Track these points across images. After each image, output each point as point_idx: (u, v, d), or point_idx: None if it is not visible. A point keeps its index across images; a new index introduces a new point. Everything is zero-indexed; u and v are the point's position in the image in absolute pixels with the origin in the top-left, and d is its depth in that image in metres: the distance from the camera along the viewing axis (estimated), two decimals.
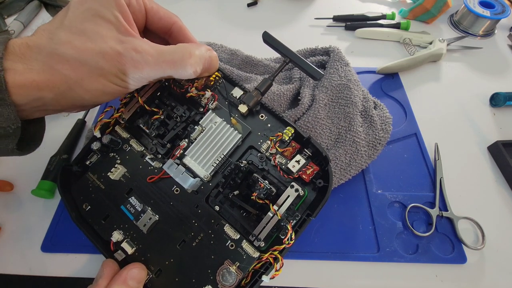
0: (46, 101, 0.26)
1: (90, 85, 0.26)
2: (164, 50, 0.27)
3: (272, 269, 0.27)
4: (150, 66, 0.26)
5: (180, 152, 0.32)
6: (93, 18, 0.25)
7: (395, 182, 0.42)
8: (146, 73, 0.27)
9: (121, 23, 0.26)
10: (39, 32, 0.26)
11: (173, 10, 0.32)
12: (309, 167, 0.30)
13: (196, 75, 0.30)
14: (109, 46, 0.25)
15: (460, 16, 0.64)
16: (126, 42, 0.26)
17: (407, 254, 0.37)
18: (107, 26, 0.25)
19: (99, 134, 0.33)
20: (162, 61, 0.27)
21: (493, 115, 0.51)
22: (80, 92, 0.26)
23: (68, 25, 0.25)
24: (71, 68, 0.25)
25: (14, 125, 0.25)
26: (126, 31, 0.26)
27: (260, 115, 0.33)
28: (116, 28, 0.26)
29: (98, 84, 0.26)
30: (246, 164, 0.31)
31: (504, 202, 0.42)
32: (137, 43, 0.26)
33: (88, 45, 0.25)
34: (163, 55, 0.27)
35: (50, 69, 0.24)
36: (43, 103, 0.26)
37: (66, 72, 0.25)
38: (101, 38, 0.25)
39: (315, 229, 0.38)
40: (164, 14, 0.31)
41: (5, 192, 0.41)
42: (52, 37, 0.25)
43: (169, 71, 0.28)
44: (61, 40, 0.24)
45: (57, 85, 0.25)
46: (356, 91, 0.43)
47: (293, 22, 0.65)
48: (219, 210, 0.31)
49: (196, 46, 0.30)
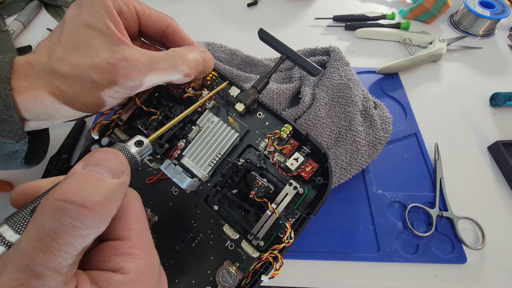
0: (49, 114, 0.27)
1: (85, 98, 0.26)
2: (156, 57, 0.27)
3: (271, 268, 0.27)
4: (142, 74, 0.26)
5: (178, 153, 0.32)
6: (86, 30, 0.26)
7: (395, 182, 0.42)
8: (138, 81, 0.27)
9: (113, 32, 0.26)
10: (39, 49, 0.27)
11: (173, 10, 0.32)
12: (308, 165, 0.30)
13: (191, 79, 0.30)
14: (101, 58, 0.25)
15: (460, 16, 0.64)
16: (117, 51, 0.26)
17: (407, 254, 0.37)
18: (99, 37, 0.26)
19: (98, 136, 0.33)
20: (154, 68, 0.27)
21: (493, 115, 0.51)
22: (77, 105, 0.27)
23: (64, 41, 0.26)
24: (67, 83, 0.26)
25: (22, 140, 0.27)
26: (118, 40, 0.26)
27: (257, 113, 0.33)
28: (108, 38, 0.26)
29: (92, 98, 0.27)
30: (244, 162, 0.31)
31: (504, 202, 0.42)
32: (128, 52, 0.26)
33: (81, 60, 0.25)
34: (156, 62, 0.27)
35: (50, 85, 0.25)
36: (46, 116, 0.27)
37: (63, 88, 0.26)
38: (93, 51, 0.26)
39: (315, 229, 0.38)
40: (158, 18, 0.31)
41: (5, 192, 0.41)
42: (51, 54, 0.26)
43: (163, 77, 0.28)
44: (57, 57, 0.26)
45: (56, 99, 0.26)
46: (356, 90, 0.43)
47: (293, 22, 0.65)
48: (218, 210, 0.30)
49: (189, 49, 0.30)
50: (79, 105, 0.27)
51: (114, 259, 0.17)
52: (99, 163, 0.17)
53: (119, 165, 0.18)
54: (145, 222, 0.20)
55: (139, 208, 0.20)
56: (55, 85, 0.25)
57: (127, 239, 0.18)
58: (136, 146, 0.20)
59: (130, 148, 0.20)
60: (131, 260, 0.18)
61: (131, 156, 0.20)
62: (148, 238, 0.20)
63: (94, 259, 0.18)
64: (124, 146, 0.20)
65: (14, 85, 0.25)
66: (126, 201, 0.19)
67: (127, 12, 0.29)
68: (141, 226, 0.19)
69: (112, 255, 0.18)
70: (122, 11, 0.28)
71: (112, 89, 0.26)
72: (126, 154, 0.19)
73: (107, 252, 0.18)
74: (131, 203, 0.20)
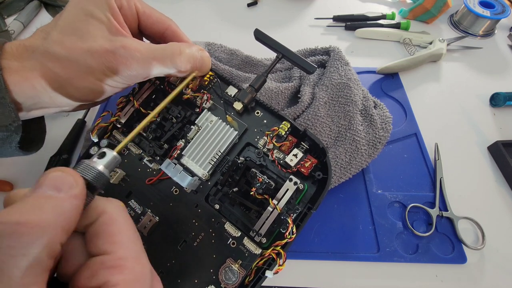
0: (41, 98, 0.26)
1: (79, 83, 0.26)
2: (154, 47, 0.28)
3: (275, 264, 0.27)
4: (138, 62, 0.27)
5: (178, 152, 0.32)
6: (86, 18, 0.26)
7: (395, 182, 0.42)
8: (135, 70, 0.27)
9: (112, 24, 0.27)
10: (36, 33, 0.26)
11: (173, 10, 0.32)
12: (307, 160, 0.30)
13: (186, 72, 0.30)
14: (98, 44, 0.25)
15: (460, 16, 0.64)
16: (115, 40, 0.26)
17: (407, 254, 0.37)
18: (98, 25, 0.26)
19: (97, 138, 0.33)
20: (151, 57, 0.27)
21: (493, 115, 0.51)
22: (70, 90, 0.27)
23: (62, 25, 0.26)
24: (61, 66, 0.25)
25: (15, 123, 0.25)
26: (117, 31, 0.27)
27: (255, 111, 0.33)
28: (107, 28, 0.26)
29: (87, 83, 0.26)
30: (243, 160, 0.31)
31: (504, 202, 0.42)
32: (127, 41, 0.26)
33: (78, 44, 0.25)
34: (153, 52, 0.27)
35: (42, 67, 0.25)
36: (38, 101, 0.26)
37: (56, 70, 0.25)
38: (91, 37, 0.26)
39: (315, 229, 0.38)
40: (157, 19, 0.32)
41: (5, 192, 0.41)
42: (47, 37, 0.26)
43: (159, 68, 0.28)
44: (53, 40, 0.25)
45: (48, 83, 0.25)
46: (356, 90, 0.43)
47: (293, 22, 0.65)
48: (219, 208, 0.30)
49: (187, 44, 0.30)
50: (72, 91, 0.27)
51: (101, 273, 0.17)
52: (41, 184, 0.17)
53: (63, 180, 0.17)
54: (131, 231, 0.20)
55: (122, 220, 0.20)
56: (48, 67, 0.25)
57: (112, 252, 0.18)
58: (98, 158, 0.20)
59: (90, 162, 0.20)
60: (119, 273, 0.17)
61: (90, 168, 0.19)
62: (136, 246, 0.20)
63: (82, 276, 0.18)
64: (83, 161, 0.20)
65: (4, 65, 0.24)
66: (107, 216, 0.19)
67: (127, 8, 0.29)
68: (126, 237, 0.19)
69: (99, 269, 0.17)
70: (122, 7, 0.29)
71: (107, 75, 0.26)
72: (84, 168, 0.19)
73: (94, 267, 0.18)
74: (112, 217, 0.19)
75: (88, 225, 0.19)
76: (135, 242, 0.20)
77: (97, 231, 0.19)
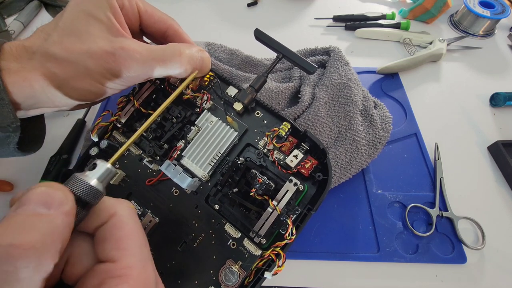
0: (40, 98, 0.26)
1: (79, 84, 0.26)
2: (153, 48, 0.28)
3: (274, 265, 0.27)
4: (138, 64, 0.27)
5: (177, 153, 0.32)
6: (86, 18, 0.26)
7: (395, 182, 0.42)
8: (134, 71, 0.27)
9: (113, 24, 0.26)
10: (37, 33, 0.26)
11: (173, 10, 0.32)
12: (308, 161, 0.30)
13: (186, 73, 0.30)
14: (98, 45, 0.25)
15: (460, 16, 0.64)
16: (115, 41, 0.26)
17: (407, 254, 0.37)
18: (98, 26, 0.26)
19: (97, 138, 0.33)
20: (151, 59, 0.27)
21: (493, 115, 0.51)
22: (69, 90, 0.26)
23: (62, 26, 0.26)
24: (61, 67, 0.25)
25: (14, 123, 0.25)
26: (118, 32, 0.27)
27: (256, 112, 0.33)
28: (108, 28, 0.26)
29: (85, 84, 0.26)
30: (243, 161, 0.31)
31: (504, 202, 0.42)
32: (126, 42, 0.26)
33: (77, 45, 0.25)
34: (152, 53, 0.27)
35: (41, 67, 0.25)
36: (37, 101, 0.26)
37: (56, 71, 0.25)
38: (91, 38, 0.25)
39: (315, 229, 0.38)
40: (159, 18, 0.32)
41: (5, 192, 0.41)
42: (47, 38, 0.25)
43: (159, 69, 0.28)
44: (53, 40, 0.25)
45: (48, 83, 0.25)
46: (356, 90, 0.43)
47: (293, 22, 0.65)
48: (219, 209, 0.30)
49: (187, 45, 0.30)
50: (71, 91, 0.26)
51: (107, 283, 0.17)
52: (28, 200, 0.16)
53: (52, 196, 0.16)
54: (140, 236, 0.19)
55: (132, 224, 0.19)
56: (47, 67, 0.25)
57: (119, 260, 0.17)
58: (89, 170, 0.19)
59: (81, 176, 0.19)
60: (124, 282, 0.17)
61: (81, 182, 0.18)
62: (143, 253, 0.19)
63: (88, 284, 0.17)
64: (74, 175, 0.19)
65: (3, 66, 0.24)
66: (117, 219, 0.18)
67: (128, 7, 0.29)
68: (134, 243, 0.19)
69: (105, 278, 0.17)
70: (124, 6, 0.29)
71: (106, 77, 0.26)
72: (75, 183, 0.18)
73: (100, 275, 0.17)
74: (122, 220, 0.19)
75: (98, 226, 0.19)
76: (142, 249, 0.19)
77: (106, 235, 0.18)
